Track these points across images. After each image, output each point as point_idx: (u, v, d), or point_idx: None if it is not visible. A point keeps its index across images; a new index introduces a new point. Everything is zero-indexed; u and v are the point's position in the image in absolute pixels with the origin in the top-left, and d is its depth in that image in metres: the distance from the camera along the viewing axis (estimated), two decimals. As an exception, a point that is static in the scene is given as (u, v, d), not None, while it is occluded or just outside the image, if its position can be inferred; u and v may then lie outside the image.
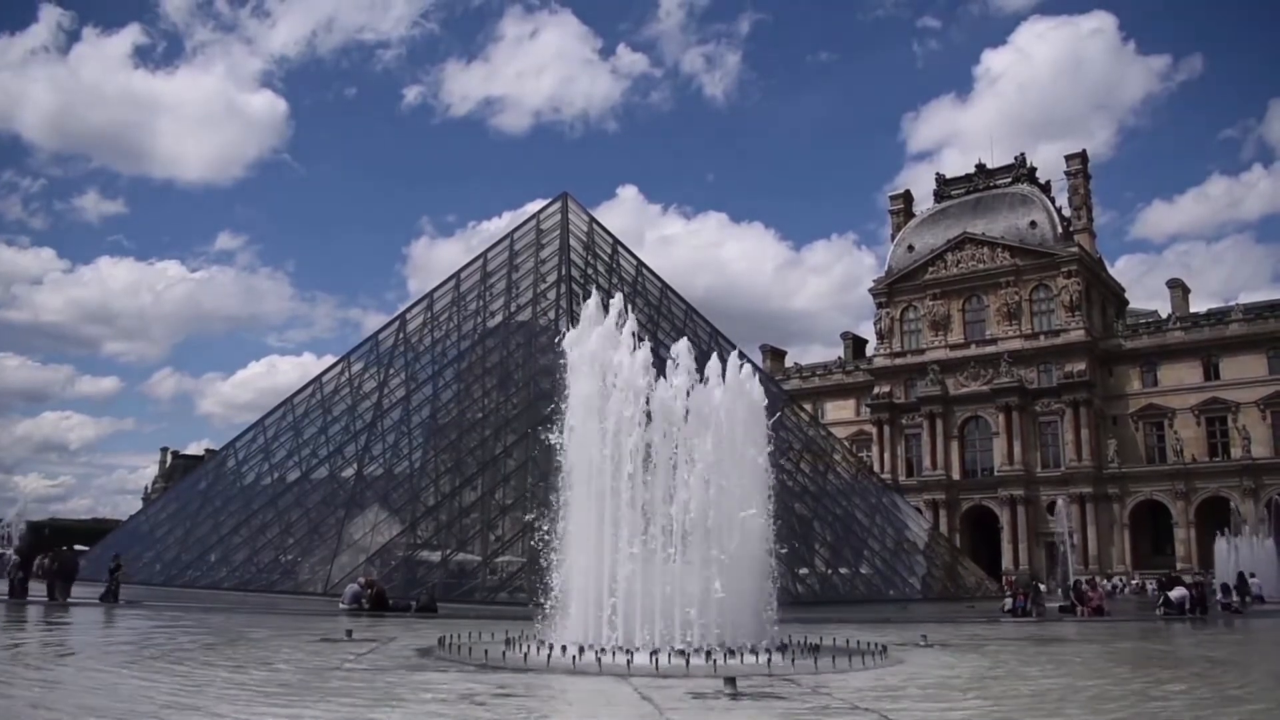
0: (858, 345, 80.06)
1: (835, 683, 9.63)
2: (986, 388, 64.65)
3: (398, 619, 20.63)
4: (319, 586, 29.45)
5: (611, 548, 12.55)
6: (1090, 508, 60.51)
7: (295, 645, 13.12)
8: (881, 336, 71.87)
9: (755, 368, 15.63)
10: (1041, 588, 36.50)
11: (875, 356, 72.48)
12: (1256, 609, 31.87)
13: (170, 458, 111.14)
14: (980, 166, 74.92)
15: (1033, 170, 73.70)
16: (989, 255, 67.91)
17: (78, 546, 55.02)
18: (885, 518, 41.37)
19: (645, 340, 13.60)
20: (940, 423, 66.37)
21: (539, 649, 11.48)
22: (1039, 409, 64.10)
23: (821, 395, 74.46)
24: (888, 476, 62.37)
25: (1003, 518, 62.83)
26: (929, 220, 74.00)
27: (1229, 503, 56.08)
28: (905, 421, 68.88)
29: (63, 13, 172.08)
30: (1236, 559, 41.10)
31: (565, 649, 11.20)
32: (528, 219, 40.90)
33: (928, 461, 66.43)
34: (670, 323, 37.41)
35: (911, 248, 72.32)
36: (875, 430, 69.68)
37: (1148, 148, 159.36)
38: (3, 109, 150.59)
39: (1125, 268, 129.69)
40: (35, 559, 26.70)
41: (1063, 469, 61.98)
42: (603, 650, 11.31)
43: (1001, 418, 63.76)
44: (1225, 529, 47.46)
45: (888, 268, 73.24)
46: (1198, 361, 61.44)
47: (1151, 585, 43.11)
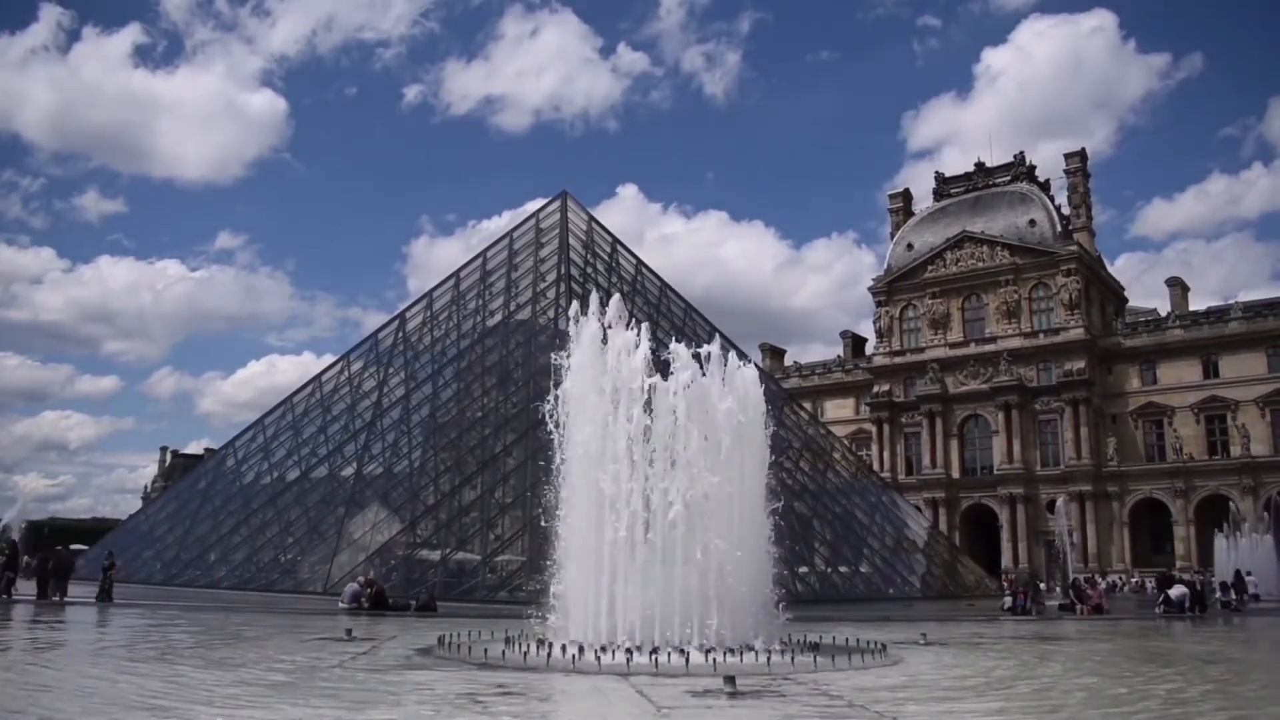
0: (857, 344, 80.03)
1: (835, 681, 9.62)
2: (986, 386, 64.65)
3: (397, 618, 20.64)
4: (319, 585, 29.45)
5: (610, 546, 12.55)
6: (1090, 506, 60.53)
7: (294, 644, 13.10)
8: (881, 335, 71.86)
9: (755, 366, 15.62)
10: (1041, 586, 36.50)
11: (875, 355, 72.48)
12: (1254, 607, 31.88)
13: (170, 457, 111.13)
14: (979, 165, 74.88)
15: (1032, 169, 73.66)
16: (988, 254, 67.91)
17: (77, 546, 55.05)
18: (885, 516, 41.38)
19: (644, 339, 13.59)
20: (940, 421, 66.38)
21: (538, 648, 11.48)
22: (1038, 407, 64.11)
23: (821, 394, 74.46)
24: (887, 475, 62.40)
25: (1002, 516, 62.84)
26: (928, 219, 73.98)
27: (1228, 501, 56.11)
28: (905, 420, 68.88)
29: (63, 12, 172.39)
30: (1236, 557, 41.14)
31: (565, 648, 11.20)
32: (527, 218, 40.92)
33: (927, 460, 66.44)
34: (669, 321, 37.40)
35: (911, 246, 72.30)
36: (875, 429, 69.69)
37: (1148, 146, 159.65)
38: (3, 108, 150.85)
39: (1125, 266, 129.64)
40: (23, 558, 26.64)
41: (1062, 467, 61.98)
42: (602, 649, 11.31)
43: (1001, 416, 63.77)
44: (1224, 527, 47.50)
45: (887, 266, 73.23)
46: (1197, 360, 61.43)
47: (1150, 583, 43.11)
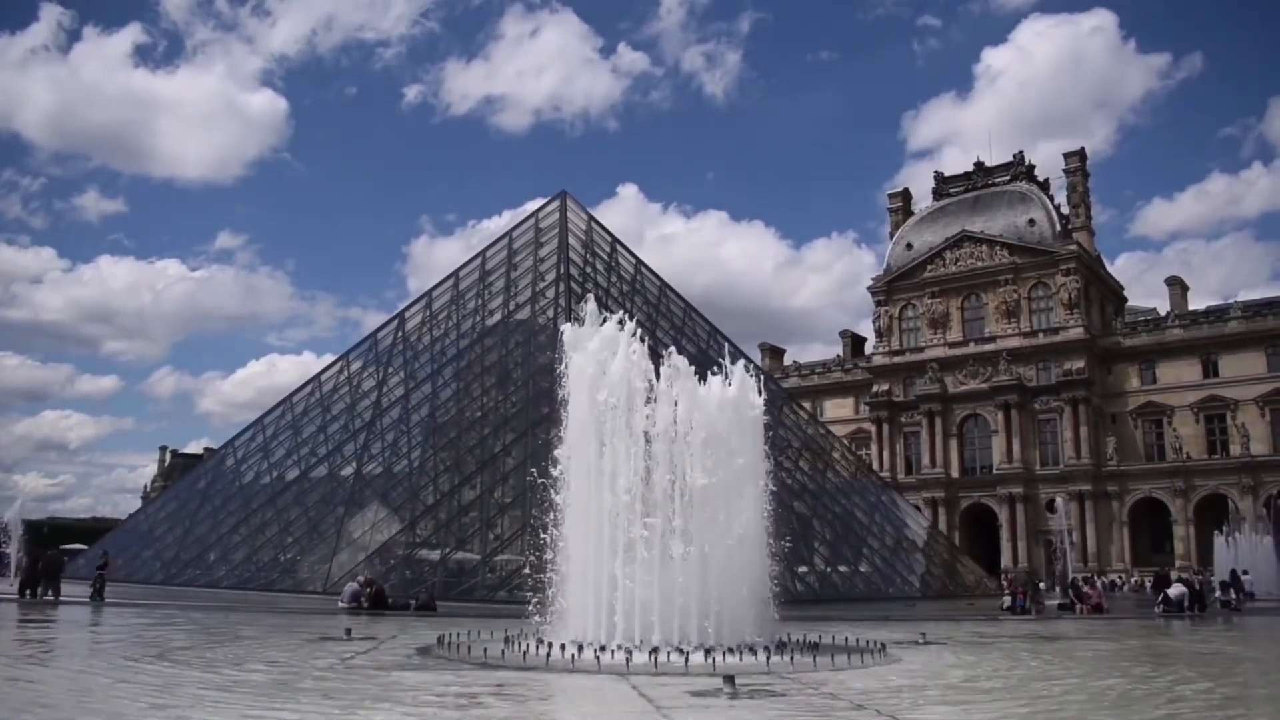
0: (857, 343, 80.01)
1: (834, 681, 9.62)
2: (985, 386, 64.63)
3: (397, 617, 20.64)
4: (318, 585, 29.46)
5: (610, 546, 12.55)
6: (1089, 505, 60.53)
7: (293, 644, 13.10)
8: (880, 335, 71.83)
9: (754, 366, 15.62)
10: (1041, 585, 36.50)
11: (874, 355, 72.45)
12: (1252, 606, 31.87)
13: (169, 456, 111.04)
14: (979, 164, 74.86)
15: (1031, 168, 73.64)
16: (988, 253, 67.89)
17: (77, 546, 55.05)
18: (884, 516, 41.39)
19: (644, 339, 13.60)
20: (939, 421, 66.37)
21: (538, 647, 11.48)
22: (1038, 407, 64.10)
23: (820, 393, 74.43)
24: (887, 475, 62.40)
25: (1002, 516, 62.84)
26: (928, 218, 73.95)
27: (1228, 500, 56.15)
28: (904, 420, 68.85)
29: (63, 12, 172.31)
30: (1235, 556, 41.12)
31: (564, 647, 11.20)
32: (526, 217, 40.91)
33: (926, 459, 66.43)
34: (669, 321, 37.41)
35: (910, 246, 72.28)
36: (874, 428, 69.67)
37: (1148, 145, 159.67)
38: (3, 108, 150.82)
39: (1125, 266, 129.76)
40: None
41: (1062, 467, 61.97)
42: (602, 648, 11.31)
43: (1000, 416, 63.76)
44: (1224, 527, 47.49)
45: (886, 266, 73.20)
46: (1196, 359, 61.40)
47: (1150, 583, 43.12)
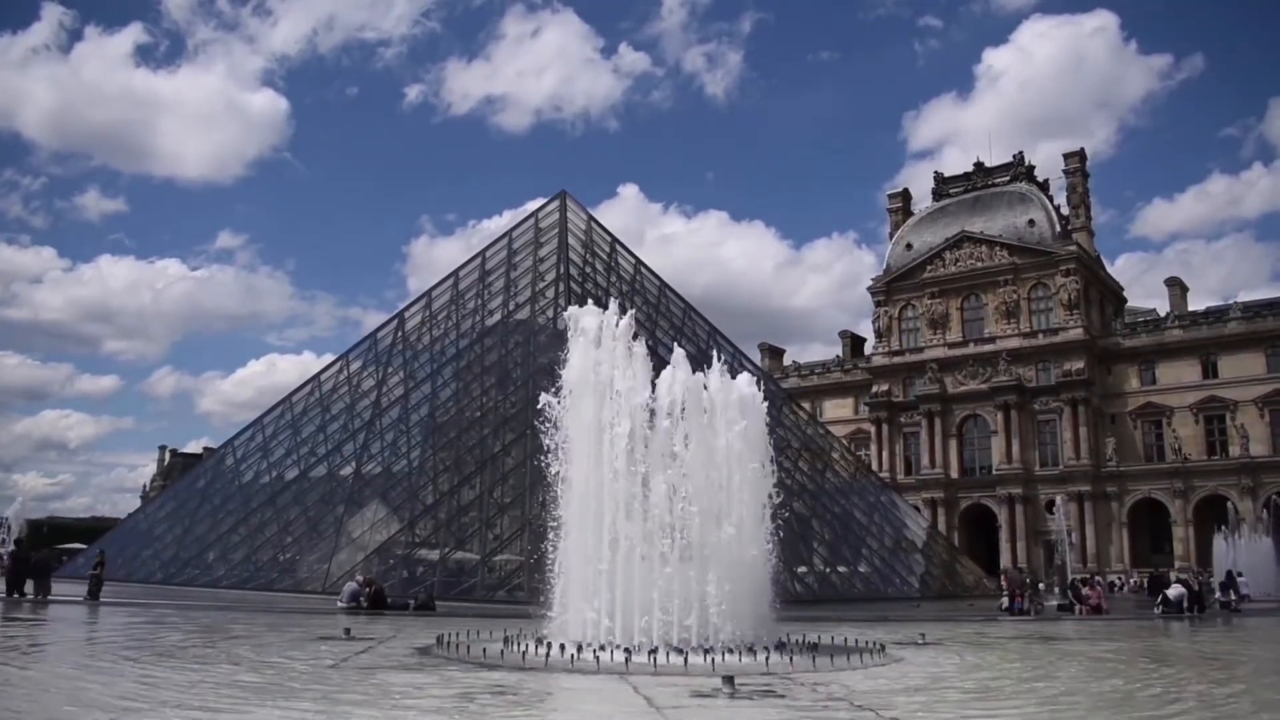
0: (856, 344, 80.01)
1: (833, 681, 9.62)
2: (985, 386, 64.62)
3: (396, 617, 20.64)
4: (317, 585, 29.44)
5: (609, 546, 12.54)
6: (1089, 506, 60.51)
7: (291, 644, 13.09)
8: (880, 335, 71.80)
9: (754, 366, 15.62)
10: (1041, 586, 36.48)
11: (874, 355, 72.43)
12: (1248, 607, 31.84)
13: (169, 456, 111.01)
14: (979, 165, 74.84)
15: (1031, 169, 73.62)
16: (987, 254, 67.87)
17: (75, 545, 55.05)
18: (883, 516, 41.39)
19: (643, 339, 13.59)
20: (939, 421, 66.36)
21: (537, 647, 11.47)
22: (1037, 407, 64.09)
23: (820, 394, 74.42)
24: (886, 475, 62.39)
25: (1001, 516, 62.82)
26: (927, 219, 73.94)
27: (1227, 501, 56.14)
28: (904, 420, 68.84)
29: (64, 11, 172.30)
30: (1235, 557, 41.11)
31: (564, 647, 11.19)
32: (526, 217, 40.91)
33: (926, 460, 66.42)
34: (669, 321, 37.42)
35: (910, 246, 72.26)
36: (874, 429, 69.65)
37: (1148, 146, 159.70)
38: (4, 107, 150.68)
39: (1125, 266, 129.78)
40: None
41: (1061, 467, 61.95)
42: (601, 648, 11.30)
43: (1000, 416, 63.75)
44: (1224, 527, 47.48)
45: (886, 266, 73.18)
46: (1196, 360, 61.39)
47: (1144, 583, 43.16)
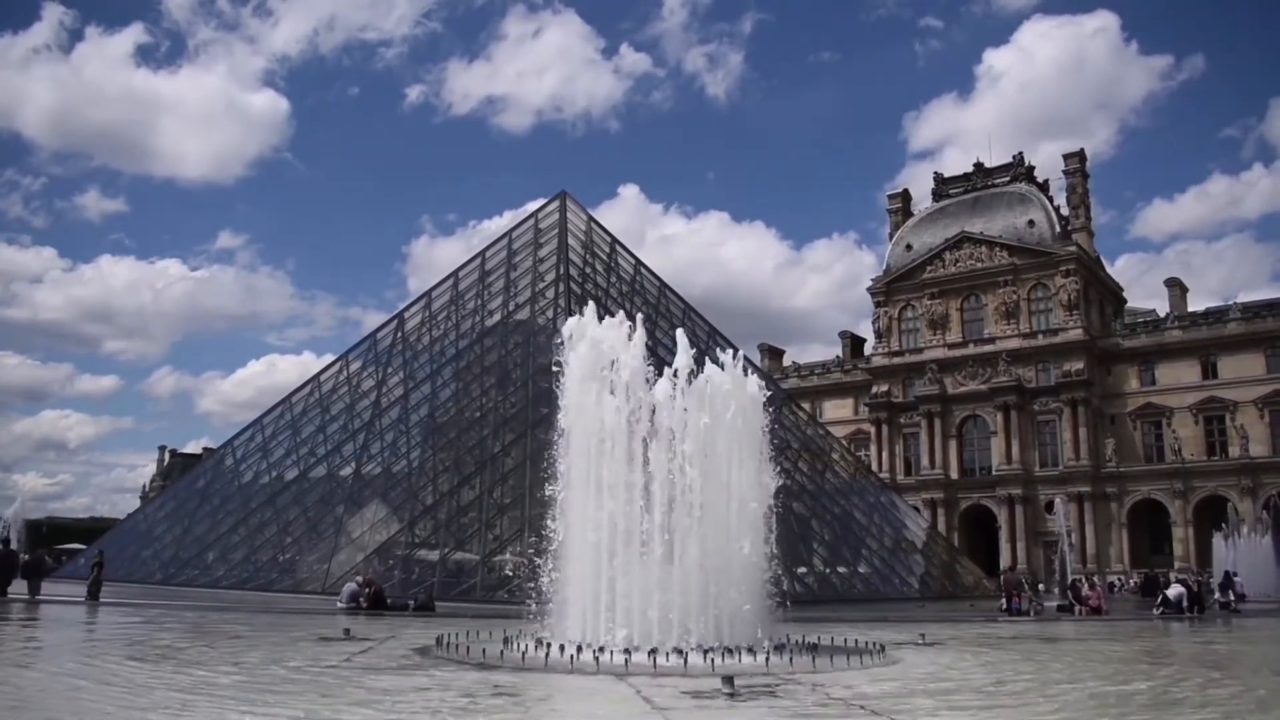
0: (856, 344, 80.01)
1: (833, 682, 9.61)
2: (985, 387, 64.62)
3: (395, 618, 20.62)
4: (317, 585, 29.43)
5: (609, 546, 12.54)
6: (1088, 506, 60.51)
7: (293, 645, 13.08)
8: (880, 336, 71.80)
9: (754, 366, 15.61)
10: (1040, 586, 36.48)
11: (873, 356, 72.42)
12: (1247, 607, 31.84)
13: (168, 456, 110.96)
14: (979, 165, 74.84)
15: (1031, 169, 73.62)
16: (987, 254, 67.87)
17: (75, 545, 55.06)
18: (883, 517, 41.38)
19: (643, 339, 13.58)
20: (938, 422, 66.36)
21: (537, 648, 11.46)
22: (1037, 408, 64.09)
23: (820, 394, 74.42)
24: (886, 475, 62.38)
25: (1001, 517, 62.82)
26: (927, 219, 73.93)
27: (1227, 502, 56.13)
28: (903, 420, 68.84)
29: (65, 11, 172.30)
30: (1235, 558, 41.08)
31: (563, 648, 11.18)
32: (526, 218, 40.91)
33: (926, 460, 66.42)
34: (668, 321, 37.37)
35: (910, 247, 72.27)
36: (873, 429, 69.65)
37: (1148, 147, 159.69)
38: (5, 107, 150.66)
39: (1125, 267, 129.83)
40: None
41: (1061, 468, 61.95)
42: (600, 649, 11.29)
43: (1000, 417, 63.75)
44: (1223, 528, 47.47)
45: (886, 267, 73.17)
46: (1196, 360, 61.39)
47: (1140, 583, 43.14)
